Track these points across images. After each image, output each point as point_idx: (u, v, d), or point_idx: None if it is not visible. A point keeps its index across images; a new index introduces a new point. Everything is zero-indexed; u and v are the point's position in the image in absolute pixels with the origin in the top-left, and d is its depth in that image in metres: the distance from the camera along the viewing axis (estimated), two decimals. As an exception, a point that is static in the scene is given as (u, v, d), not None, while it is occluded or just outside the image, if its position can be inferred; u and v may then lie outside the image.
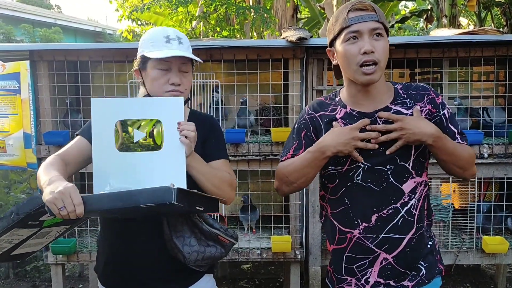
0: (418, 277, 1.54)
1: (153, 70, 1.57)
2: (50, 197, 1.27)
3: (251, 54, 2.97)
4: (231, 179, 1.64)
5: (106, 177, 1.46)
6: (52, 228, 1.56)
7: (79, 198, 1.28)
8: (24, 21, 10.00)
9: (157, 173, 1.46)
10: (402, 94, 1.56)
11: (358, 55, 1.45)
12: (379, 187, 1.50)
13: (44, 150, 2.97)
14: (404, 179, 1.50)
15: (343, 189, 1.55)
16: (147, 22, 7.66)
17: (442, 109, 1.55)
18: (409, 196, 1.51)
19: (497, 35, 2.86)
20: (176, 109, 1.48)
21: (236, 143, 2.96)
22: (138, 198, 1.28)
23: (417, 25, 14.52)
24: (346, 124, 1.53)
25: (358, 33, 1.45)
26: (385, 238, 1.51)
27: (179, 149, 1.46)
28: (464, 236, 3.07)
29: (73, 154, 1.57)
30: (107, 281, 1.67)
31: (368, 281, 1.55)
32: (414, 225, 1.52)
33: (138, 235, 1.58)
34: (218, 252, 1.62)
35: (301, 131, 1.62)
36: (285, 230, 3.17)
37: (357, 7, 1.46)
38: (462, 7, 8.37)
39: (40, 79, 2.99)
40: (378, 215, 1.51)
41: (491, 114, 3.12)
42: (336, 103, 1.60)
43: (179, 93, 1.57)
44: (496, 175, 2.99)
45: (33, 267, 4.03)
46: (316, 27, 8.51)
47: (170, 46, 1.55)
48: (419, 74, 3.40)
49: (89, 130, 1.57)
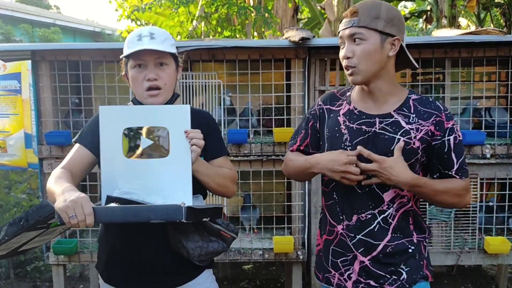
0: (399, 281, 1.55)
1: (131, 70, 1.62)
2: (62, 205, 1.29)
3: (254, 54, 2.97)
4: (233, 174, 1.70)
5: (115, 182, 1.50)
6: (58, 227, 1.57)
7: (90, 209, 1.30)
8: (23, 21, 10.00)
9: (164, 180, 1.51)
10: (412, 105, 1.55)
11: (343, 59, 1.54)
12: (361, 190, 1.55)
13: (46, 150, 2.96)
14: (386, 187, 1.53)
15: (333, 183, 1.61)
16: (147, 22, 7.65)
17: (448, 134, 1.52)
18: (388, 205, 1.54)
19: (499, 35, 2.86)
20: (182, 117, 1.53)
21: (238, 143, 2.96)
22: (149, 214, 1.34)
23: (416, 25, 14.54)
24: (345, 121, 1.58)
25: (342, 39, 1.55)
26: (362, 240, 1.56)
27: (186, 156, 1.51)
28: (466, 237, 3.06)
29: (77, 165, 1.59)
30: (110, 278, 1.69)
31: (350, 277, 1.60)
32: (389, 234, 1.55)
33: (141, 232, 1.60)
34: (220, 247, 1.65)
35: (309, 121, 1.70)
36: (287, 231, 3.16)
37: (344, 15, 1.55)
38: (461, 8, 8.38)
39: (42, 79, 2.98)
40: (358, 217, 1.56)
41: (493, 114, 3.12)
42: (345, 98, 1.66)
43: (157, 89, 1.60)
44: (498, 175, 2.99)
45: (33, 268, 4.02)
46: (316, 28, 8.50)
47: (141, 43, 1.57)
48: (421, 74, 3.40)
49: (87, 137, 1.62)
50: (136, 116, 1.53)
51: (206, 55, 2.97)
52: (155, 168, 1.51)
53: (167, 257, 1.62)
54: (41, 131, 3.00)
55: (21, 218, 1.40)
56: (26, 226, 1.39)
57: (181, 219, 1.32)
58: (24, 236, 1.46)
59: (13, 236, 1.41)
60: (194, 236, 1.59)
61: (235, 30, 6.32)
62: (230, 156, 2.95)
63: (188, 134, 1.51)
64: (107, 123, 1.52)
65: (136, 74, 1.60)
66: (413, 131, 1.51)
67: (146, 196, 1.48)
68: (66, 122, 3.09)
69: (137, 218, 1.33)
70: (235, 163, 2.97)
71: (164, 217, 1.33)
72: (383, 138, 1.52)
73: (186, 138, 1.51)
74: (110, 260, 1.67)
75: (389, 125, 1.52)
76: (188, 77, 3.01)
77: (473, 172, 2.96)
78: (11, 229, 1.40)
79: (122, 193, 1.49)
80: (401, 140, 1.50)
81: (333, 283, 1.64)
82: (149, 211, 1.34)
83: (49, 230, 1.53)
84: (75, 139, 1.66)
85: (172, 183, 1.50)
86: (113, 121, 1.52)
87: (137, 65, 1.60)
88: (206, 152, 1.61)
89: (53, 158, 2.97)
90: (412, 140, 1.50)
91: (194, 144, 1.50)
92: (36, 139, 3.10)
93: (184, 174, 1.51)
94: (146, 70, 1.59)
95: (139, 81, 1.60)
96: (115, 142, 1.51)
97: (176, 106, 1.59)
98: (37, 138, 3.07)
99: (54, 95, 3.00)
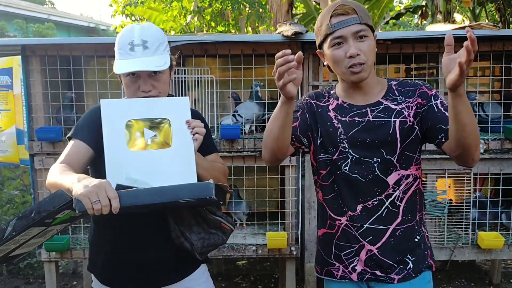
0: (405, 270, 1.57)
1: (124, 77, 1.58)
2: (84, 190, 1.24)
3: (246, 49, 2.94)
4: (225, 169, 1.75)
5: (120, 174, 1.49)
6: (55, 227, 1.53)
7: (115, 192, 1.26)
8: (17, 16, 9.94)
9: (169, 170, 1.52)
10: (395, 90, 1.59)
11: (345, 59, 1.49)
12: (365, 179, 1.54)
13: (37, 146, 2.93)
14: (389, 171, 1.54)
15: (333, 176, 1.60)
16: (141, 17, 7.61)
17: (434, 99, 1.53)
18: (393, 188, 1.54)
19: (493, 30, 2.85)
20: (183, 108, 1.56)
21: (231, 139, 2.94)
22: (178, 193, 1.32)
23: (411, 21, 14.54)
24: (337, 115, 1.58)
25: (342, 38, 1.49)
26: (369, 229, 1.56)
27: (189, 145, 1.54)
28: (459, 232, 3.06)
29: (75, 161, 1.54)
30: (110, 279, 1.66)
31: (355, 268, 1.60)
32: (399, 216, 1.55)
33: (142, 229, 1.60)
34: (220, 240, 1.68)
35: (297, 111, 1.63)
36: (281, 227, 3.15)
37: (338, 12, 1.49)
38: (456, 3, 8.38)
39: (32, 74, 2.95)
40: (363, 206, 1.56)
41: (486, 109, 3.11)
42: (331, 96, 1.65)
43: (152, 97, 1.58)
44: (492, 170, 2.99)
45: (26, 264, 3.99)
46: (311, 23, 8.48)
47: (134, 54, 1.53)
48: (415, 69, 3.39)
49: (84, 132, 1.58)
50: (137, 108, 1.54)
51: (198, 50, 2.94)
52: (159, 159, 1.53)
53: (167, 253, 1.62)
54: (32, 126, 2.98)
55: (31, 210, 1.31)
56: (38, 219, 1.30)
57: (211, 195, 1.32)
58: (28, 233, 1.39)
59: (21, 231, 1.32)
60: (197, 228, 1.61)
61: (229, 25, 6.30)
62: (224, 152, 2.94)
63: (190, 123, 1.54)
64: (109, 116, 1.52)
65: (130, 83, 1.57)
66: (404, 110, 1.54)
67: (154, 185, 1.44)
68: (57, 118, 3.06)
69: (164, 198, 1.31)
70: (228, 159, 2.95)
71: (194, 194, 1.32)
72: (379, 124, 1.53)
73: (188, 128, 1.54)
74: (109, 261, 1.65)
75: (381, 111, 1.55)
76: (181, 72, 2.99)
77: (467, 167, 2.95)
78: (20, 223, 1.31)
79: (130, 182, 1.47)
80: (397, 121, 1.52)
81: (337, 275, 1.64)
82: (178, 190, 1.33)
83: (48, 228, 1.49)
84: (70, 134, 1.61)
85: (177, 172, 1.52)
86: (115, 114, 1.52)
87: (130, 74, 1.55)
88: (200, 148, 1.60)
89: (44, 154, 2.94)
90: (407, 118, 1.53)
91: (197, 132, 1.53)
92: (27, 134, 3.07)
93: (189, 163, 1.53)
94: (140, 80, 1.56)
95: (132, 90, 1.57)
96: (118, 135, 1.52)
97: (176, 98, 1.62)
98: (28, 134, 3.05)
99: (45, 90, 2.97)
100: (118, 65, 1.55)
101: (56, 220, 1.45)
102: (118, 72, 1.55)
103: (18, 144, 3.77)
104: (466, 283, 3.73)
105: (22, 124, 3.72)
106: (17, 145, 3.78)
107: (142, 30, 1.55)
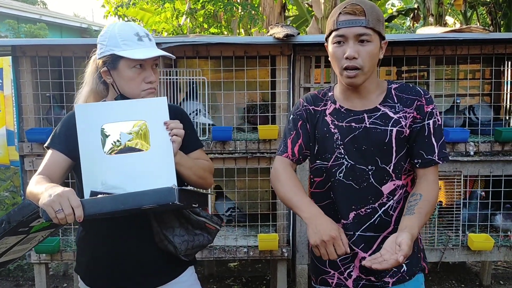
0: (399, 273, 1.56)
1: (128, 69, 1.55)
2: (47, 200, 1.24)
3: (238, 50, 2.95)
4: (211, 166, 1.71)
5: (97, 180, 1.46)
6: (38, 233, 1.52)
7: (78, 201, 1.25)
8: (9, 16, 9.87)
9: (148, 173, 1.47)
10: (394, 96, 1.56)
11: (343, 59, 1.48)
12: (359, 186, 1.54)
13: (27, 147, 2.91)
14: (384, 181, 1.53)
15: (328, 183, 1.59)
16: (133, 18, 7.59)
17: (428, 118, 1.52)
18: (387, 197, 1.54)
19: (483, 33, 2.87)
20: (160, 109, 1.51)
21: (222, 140, 2.94)
22: (140, 200, 1.30)
23: (403, 23, 14.62)
24: (333, 120, 1.56)
25: (344, 37, 1.47)
26: (361, 236, 1.55)
27: (168, 148, 1.49)
28: (450, 234, 3.08)
29: (53, 171, 1.53)
30: (93, 281, 1.65)
31: (351, 275, 1.59)
32: (391, 225, 1.55)
33: (126, 232, 1.58)
34: (206, 240, 1.67)
35: (297, 122, 1.62)
36: (272, 228, 3.15)
37: (347, 10, 1.47)
38: (448, 6, 8.44)
39: (23, 75, 2.93)
40: (356, 213, 1.55)
41: (477, 112, 3.13)
42: (328, 98, 1.62)
43: (153, 90, 1.59)
44: (482, 172, 3.01)
45: (16, 266, 3.96)
46: (304, 25, 8.51)
47: (143, 44, 1.55)
48: (406, 72, 3.41)
49: (61, 140, 1.57)
50: (113, 111, 1.50)
51: (190, 52, 2.94)
52: (137, 162, 1.48)
53: (152, 256, 1.61)
54: (22, 128, 2.96)
55: (2, 221, 1.32)
56: (8, 229, 1.32)
57: (174, 201, 1.28)
58: (4, 243, 1.39)
59: None
60: (180, 230, 1.59)
61: (221, 26, 6.30)
62: (215, 153, 2.94)
63: (168, 125, 1.50)
64: (84, 120, 1.48)
65: (135, 75, 1.55)
66: (402, 119, 1.52)
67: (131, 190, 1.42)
68: (47, 119, 3.04)
69: (127, 205, 1.28)
70: (219, 160, 2.95)
71: (156, 200, 1.29)
72: (376, 131, 1.52)
73: (166, 129, 1.50)
74: (93, 264, 1.64)
75: (379, 118, 1.53)
76: (172, 73, 2.98)
77: (457, 169, 2.97)
78: None
79: (106, 188, 1.44)
80: (394, 130, 1.51)
81: (332, 283, 1.62)
82: (140, 196, 1.29)
83: (29, 236, 1.48)
84: (47, 144, 1.60)
85: (156, 175, 1.47)
86: (90, 118, 1.48)
87: (137, 65, 1.55)
88: (183, 146, 1.58)
89: (35, 155, 2.92)
90: (404, 128, 1.52)
91: (175, 134, 1.49)
92: (18, 136, 3.05)
93: (167, 166, 1.48)
94: (145, 72, 1.56)
95: (136, 82, 1.56)
96: (94, 140, 1.47)
97: (153, 99, 1.55)
98: (18, 135, 3.03)
99: (35, 91, 2.95)
100: (131, 53, 1.52)
101: (33, 228, 1.45)
102: (142, 56, 1.51)
103: (8, 145, 3.76)
104: (456, 285, 3.75)
105: (12, 125, 3.70)
106: (7, 146, 3.76)
107: (140, 27, 1.61)
